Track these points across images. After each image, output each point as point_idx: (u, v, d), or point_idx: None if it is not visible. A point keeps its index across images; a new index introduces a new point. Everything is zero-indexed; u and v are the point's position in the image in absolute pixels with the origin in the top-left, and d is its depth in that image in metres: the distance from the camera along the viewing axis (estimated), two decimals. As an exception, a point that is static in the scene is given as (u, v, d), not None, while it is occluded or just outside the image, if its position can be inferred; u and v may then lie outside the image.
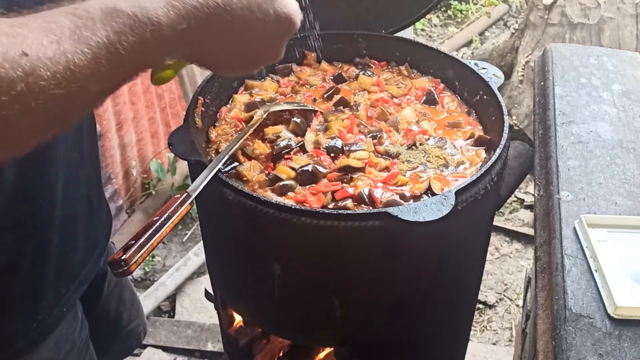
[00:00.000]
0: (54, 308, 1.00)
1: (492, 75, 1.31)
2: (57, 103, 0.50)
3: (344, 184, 1.11)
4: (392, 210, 0.95)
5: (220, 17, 0.63)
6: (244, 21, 0.67)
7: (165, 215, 0.86)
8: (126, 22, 0.54)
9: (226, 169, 1.14)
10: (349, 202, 1.06)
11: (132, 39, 0.55)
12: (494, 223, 2.10)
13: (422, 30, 4.90)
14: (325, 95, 1.38)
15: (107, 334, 1.36)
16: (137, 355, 2.32)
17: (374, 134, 1.24)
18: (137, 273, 2.69)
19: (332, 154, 1.19)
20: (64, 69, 0.49)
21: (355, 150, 1.18)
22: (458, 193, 0.99)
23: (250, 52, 0.75)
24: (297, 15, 0.75)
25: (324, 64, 1.49)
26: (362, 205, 1.06)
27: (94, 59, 0.52)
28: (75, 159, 1.00)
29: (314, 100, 1.38)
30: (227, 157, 1.08)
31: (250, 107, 1.31)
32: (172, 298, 2.57)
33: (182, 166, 2.91)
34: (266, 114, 1.25)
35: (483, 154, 1.22)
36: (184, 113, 1.22)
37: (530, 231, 2.89)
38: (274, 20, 0.71)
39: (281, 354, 1.59)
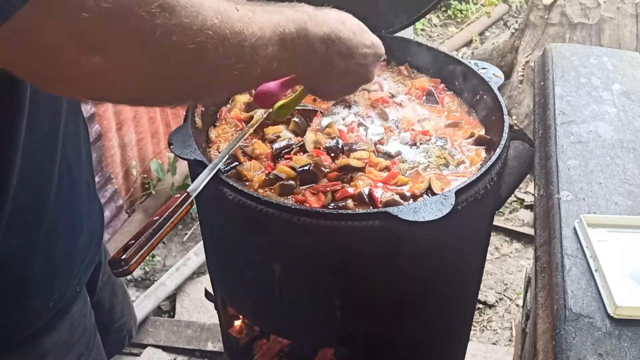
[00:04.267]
0: (68, 287, 1.03)
1: (492, 75, 1.31)
2: (252, 50, 0.71)
3: (344, 184, 1.11)
4: (392, 210, 0.95)
5: (336, 37, 0.86)
6: (350, 43, 0.89)
7: (165, 215, 0.86)
8: (289, 17, 0.78)
9: (226, 169, 1.15)
10: (349, 202, 1.06)
11: (292, 28, 0.78)
12: (494, 223, 2.10)
13: (422, 30, 4.90)
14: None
15: (102, 326, 1.37)
16: (137, 355, 2.32)
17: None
18: (137, 273, 2.69)
19: (332, 154, 1.19)
20: (257, 27, 0.71)
21: (355, 150, 1.18)
22: (458, 193, 0.99)
23: (354, 74, 0.95)
24: (382, 45, 0.99)
25: (324, 64, 1.49)
26: (362, 205, 1.06)
27: (273, 31, 0.74)
28: (77, 143, 1.04)
29: (314, 100, 1.38)
30: (227, 156, 1.08)
31: (250, 107, 1.31)
32: (172, 298, 2.57)
33: (182, 166, 2.90)
34: (266, 114, 1.25)
35: (483, 154, 1.22)
36: (184, 113, 1.22)
37: (530, 231, 2.89)
38: (370, 44, 0.94)
39: (281, 354, 1.59)
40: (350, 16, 0.92)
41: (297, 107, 1.30)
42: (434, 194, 1.08)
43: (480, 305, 2.60)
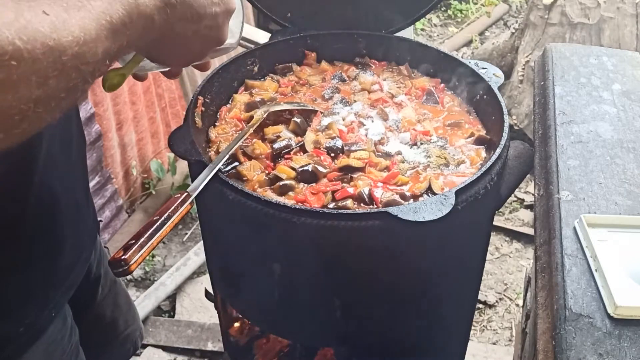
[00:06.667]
0: (42, 312, 1.00)
1: (492, 75, 1.31)
2: (76, 60, 0.56)
3: (344, 184, 1.11)
4: (392, 210, 0.95)
5: (188, 5, 0.73)
6: (197, 3, 0.75)
7: (165, 215, 0.86)
8: None
9: (226, 169, 1.15)
10: (349, 202, 1.06)
11: (122, 10, 0.62)
12: (494, 223, 2.10)
13: (422, 30, 4.90)
14: (325, 95, 1.38)
15: (103, 339, 1.35)
16: (137, 355, 2.32)
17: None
18: (137, 273, 2.69)
19: (332, 154, 1.19)
20: (78, 30, 0.55)
21: (356, 150, 1.18)
22: (458, 193, 0.99)
23: (204, 36, 0.81)
24: None
25: (324, 64, 1.49)
26: (362, 204, 1.06)
27: (98, 26, 0.58)
28: (64, 162, 1.00)
29: (314, 100, 1.38)
30: (227, 156, 1.08)
31: (250, 106, 1.31)
32: (172, 298, 2.57)
33: (182, 166, 2.91)
34: (266, 114, 1.25)
35: (483, 154, 1.22)
36: (184, 113, 1.22)
37: (530, 231, 2.89)
38: (219, 2, 0.79)
39: (281, 354, 1.59)
40: None
41: (297, 108, 1.30)
42: (434, 194, 1.08)
43: (480, 305, 2.60)
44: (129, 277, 2.63)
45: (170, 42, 0.77)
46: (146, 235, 0.82)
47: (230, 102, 1.37)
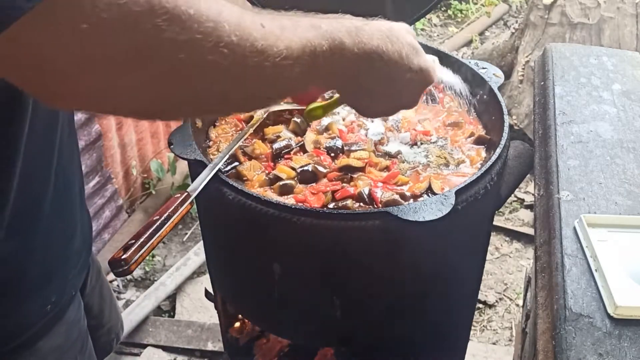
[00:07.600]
0: (64, 290, 1.03)
1: (492, 75, 1.31)
2: (275, 70, 0.65)
3: (344, 184, 1.11)
4: (392, 209, 0.95)
5: (379, 57, 0.78)
6: (395, 66, 0.80)
7: (165, 215, 0.87)
8: (324, 34, 0.72)
9: (226, 169, 1.15)
10: (349, 202, 1.06)
11: (326, 46, 0.71)
12: (494, 223, 2.10)
13: (422, 30, 4.90)
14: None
15: (92, 330, 1.37)
16: (137, 355, 2.32)
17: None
18: (137, 273, 2.69)
19: (332, 154, 1.19)
20: (284, 46, 0.65)
21: (356, 150, 1.18)
22: (458, 193, 0.99)
23: (394, 97, 0.87)
24: (435, 72, 0.88)
25: (324, 64, 1.49)
26: (362, 204, 1.06)
27: (302, 49, 0.68)
28: (71, 147, 1.04)
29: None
30: (227, 156, 1.08)
31: (250, 106, 1.31)
32: (172, 298, 2.57)
33: (182, 166, 2.91)
34: (266, 114, 1.25)
35: (483, 153, 1.22)
36: (184, 113, 1.22)
37: (530, 231, 2.89)
38: (417, 70, 0.84)
39: (281, 354, 1.59)
40: (404, 33, 0.84)
41: (297, 108, 1.30)
42: (434, 193, 1.08)
43: (480, 305, 2.60)
44: (129, 277, 2.63)
45: (362, 94, 0.84)
46: (146, 235, 0.82)
47: (230, 102, 1.37)
